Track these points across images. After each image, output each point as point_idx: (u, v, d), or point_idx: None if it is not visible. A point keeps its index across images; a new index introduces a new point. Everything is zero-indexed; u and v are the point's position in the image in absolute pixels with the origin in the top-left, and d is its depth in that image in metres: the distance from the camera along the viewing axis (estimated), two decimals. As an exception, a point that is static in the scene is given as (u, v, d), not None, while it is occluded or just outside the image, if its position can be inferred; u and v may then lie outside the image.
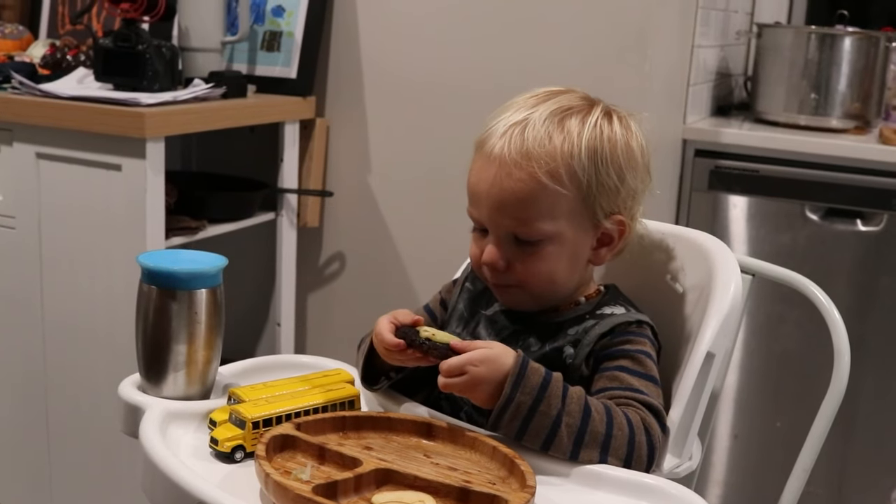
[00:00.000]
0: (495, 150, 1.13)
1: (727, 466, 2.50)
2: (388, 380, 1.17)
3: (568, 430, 1.02)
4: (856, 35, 2.48)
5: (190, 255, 1.15)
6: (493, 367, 1.03)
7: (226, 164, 2.38)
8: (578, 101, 1.17)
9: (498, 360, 1.04)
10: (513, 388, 1.02)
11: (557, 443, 1.02)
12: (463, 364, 1.03)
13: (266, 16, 2.26)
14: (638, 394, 1.08)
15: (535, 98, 1.18)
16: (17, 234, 1.94)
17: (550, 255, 1.14)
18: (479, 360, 1.03)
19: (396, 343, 1.08)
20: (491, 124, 1.16)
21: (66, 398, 1.96)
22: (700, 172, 2.39)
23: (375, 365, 1.16)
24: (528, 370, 1.03)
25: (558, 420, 1.02)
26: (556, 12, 2.11)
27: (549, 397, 1.02)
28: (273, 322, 2.32)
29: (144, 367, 1.12)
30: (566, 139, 1.12)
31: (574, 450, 1.02)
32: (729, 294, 1.15)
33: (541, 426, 1.02)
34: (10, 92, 1.94)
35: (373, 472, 0.94)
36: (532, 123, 1.13)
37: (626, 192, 1.16)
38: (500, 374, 1.03)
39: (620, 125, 1.16)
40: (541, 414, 1.02)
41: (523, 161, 1.11)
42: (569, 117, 1.14)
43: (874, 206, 2.29)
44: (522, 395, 1.02)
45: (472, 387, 1.03)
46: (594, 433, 1.02)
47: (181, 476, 0.92)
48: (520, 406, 1.02)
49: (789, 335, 2.38)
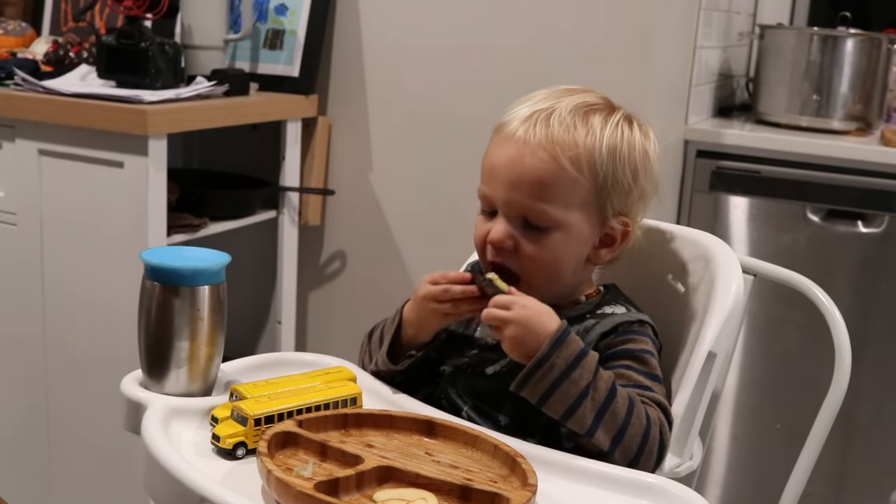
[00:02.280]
0: (518, 133, 1.15)
1: (727, 467, 2.50)
2: (408, 358, 1.19)
3: (592, 404, 1.03)
4: (858, 37, 2.48)
5: (193, 251, 1.15)
6: (538, 319, 1.06)
7: (228, 161, 2.38)
8: (600, 100, 1.21)
9: (545, 315, 1.07)
10: (551, 348, 1.04)
11: (580, 414, 1.03)
12: (513, 301, 1.08)
13: (269, 14, 2.26)
14: (648, 391, 1.09)
15: (557, 92, 1.20)
16: (18, 231, 1.95)
17: (556, 244, 1.15)
18: (529, 304, 1.08)
19: (463, 275, 1.13)
20: (511, 111, 1.18)
21: (66, 395, 1.96)
22: (701, 173, 2.39)
23: (397, 343, 1.19)
24: (569, 337, 1.06)
25: (586, 392, 1.03)
26: (558, 13, 2.11)
27: (583, 368, 1.04)
28: (274, 320, 2.32)
29: (146, 364, 1.12)
30: (590, 132, 1.15)
31: (593, 426, 1.03)
32: (731, 294, 1.15)
33: (568, 393, 1.03)
34: (13, 88, 1.95)
35: (374, 470, 0.94)
36: (558, 112, 1.15)
37: (637, 195, 1.18)
38: (541, 329, 1.06)
39: (640, 131, 1.19)
40: (571, 381, 1.03)
41: (547, 143, 1.13)
42: (593, 113, 1.17)
43: (875, 207, 2.29)
44: (558, 359, 1.04)
45: (511, 324, 1.06)
46: (615, 415, 1.04)
47: (183, 472, 0.92)
48: (553, 367, 1.04)
49: (789, 336, 2.38)
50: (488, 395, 1.17)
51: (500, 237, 1.15)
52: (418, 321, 1.19)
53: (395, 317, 1.21)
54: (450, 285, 1.13)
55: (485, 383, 1.17)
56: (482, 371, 1.18)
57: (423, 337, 1.20)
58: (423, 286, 1.16)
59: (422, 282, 1.16)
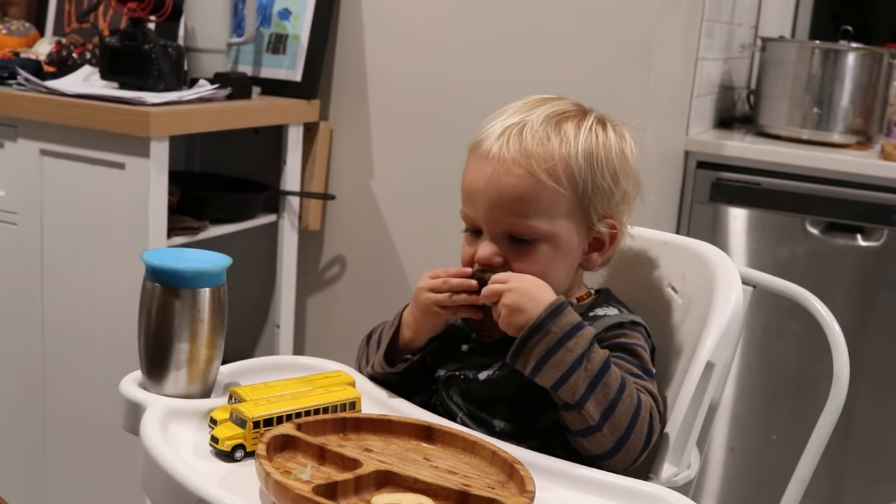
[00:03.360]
0: (493, 150, 1.15)
1: (723, 479, 2.50)
2: (404, 362, 1.20)
3: (585, 374, 1.04)
4: (859, 51, 2.49)
5: (194, 253, 1.15)
6: (535, 290, 1.08)
7: (229, 165, 2.38)
8: (571, 107, 1.20)
9: (542, 287, 1.09)
10: (548, 316, 1.06)
11: (572, 382, 1.04)
12: (510, 275, 1.10)
13: (272, 18, 2.27)
14: (640, 380, 1.09)
15: (528, 104, 1.20)
16: (19, 231, 1.95)
17: (545, 255, 1.15)
18: (525, 278, 1.10)
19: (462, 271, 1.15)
20: (484, 128, 1.19)
21: (65, 396, 1.96)
22: (702, 184, 2.40)
23: (394, 346, 1.20)
24: (566, 308, 1.07)
25: (579, 361, 1.04)
26: (561, 22, 2.12)
27: (578, 338, 1.05)
28: (272, 324, 2.32)
29: (146, 365, 1.12)
30: (563, 141, 1.15)
31: (584, 396, 1.04)
32: (730, 304, 1.16)
33: (562, 361, 1.04)
34: (16, 88, 1.95)
35: (373, 474, 0.94)
36: (530, 124, 1.15)
37: (620, 196, 1.18)
38: (539, 298, 1.07)
39: (614, 132, 1.19)
40: (566, 349, 1.04)
41: (522, 159, 1.13)
42: (565, 121, 1.17)
43: (875, 221, 2.29)
44: (555, 327, 1.05)
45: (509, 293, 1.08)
46: (607, 388, 1.04)
47: (182, 473, 0.92)
48: (549, 334, 1.05)
49: (786, 348, 2.39)
50: (482, 401, 1.17)
51: (487, 256, 1.15)
52: (416, 322, 1.19)
53: (395, 320, 1.22)
54: (448, 277, 1.15)
55: (478, 389, 1.18)
56: (475, 377, 1.18)
57: (420, 340, 1.20)
58: (423, 279, 1.17)
59: (422, 277, 1.18)
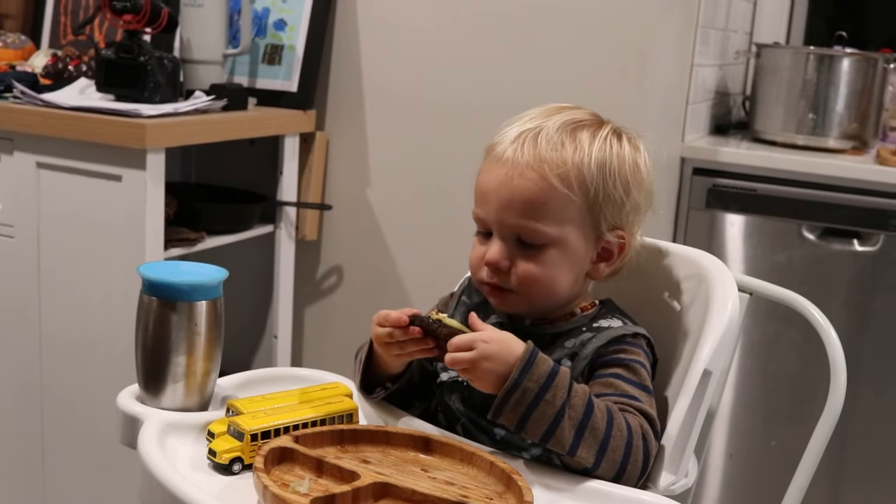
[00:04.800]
0: (507, 153, 1.15)
1: (722, 485, 2.50)
2: (384, 389, 1.18)
3: (570, 422, 1.03)
4: (854, 56, 2.50)
5: (190, 266, 1.15)
6: (502, 348, 1.05)
7: (225, 176, 2.38)
8: (589, 116, 1.21)
9: (509, 342, 1.05)
10: (521, 373, 1.03)
11: (559, 434, 1.02)
12: (473, 340, 1.05)
13: (268, 29, 2.27)
14: (633, 401, 1.09)
15: (546, 110, 1.21)
16: (15, 244, 1.95)
17: (552, 261, 1.15)
18: (489, 338, 1.05)
19: (399, 318, 1.08)
20: (501, 132, 1.19)
21: (62, 408, 1.96)
22: (698, 191, 2.40)
23: (373, 372, 1.18)
24: (537, 358, 1.04)
25: (562, 411, 1.03)
26: (556, 30, 2.12)
27: (556, 388, 1.03)
28: (270, 335, 2.32)
29: (143, 378, 1.12)
30: (577, 148, 1.15)
31: (574, 444, 1.03)
32: (726, 312, 1.16)
33: (544, 415, 1.02)
34: (12, 101, 1.95)
35: (371, 486, 0.94)
36: (545, 131, 1.16)
37: (631, 208, 1.19)
38: (509, 357, 1.04)
39: (629, 144, 1.20)
40: (546, 403, 1.03)
41: (535, 163, 1.14)
42: (580, 129, 1.17)
43: (871, 226, 2.30)
44: (530, 382, 1.03)
45: (479, 363, 1.04)
46: (595, 430, 1.03)
47: (179, 487, 0.92)
48: (526, 392, 1.03)
49: (784, 355, 2.39)
50: (483, 408, 1.17)
51: (496, 258, 1.15)
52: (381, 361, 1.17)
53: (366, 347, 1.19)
54: (394, 328, 1.10)
55: (479, 396, 1.17)
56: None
57: (393, 371, 1.18)
58: (373, 327, 1.13)
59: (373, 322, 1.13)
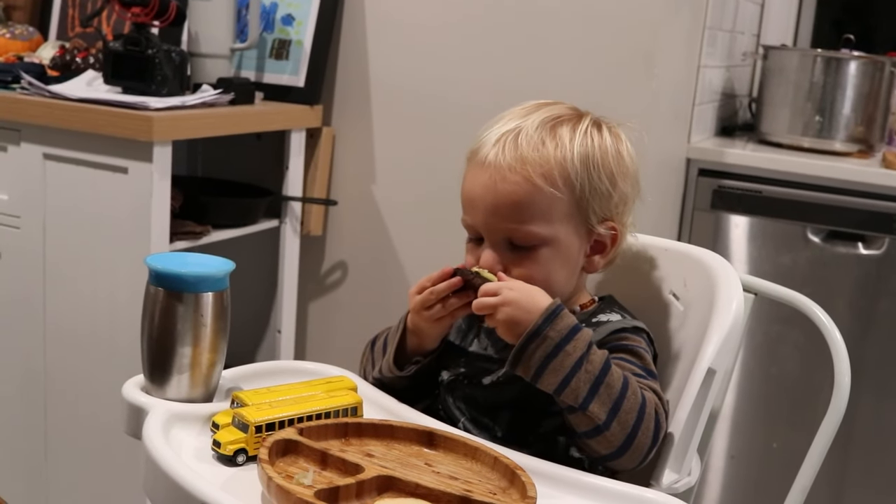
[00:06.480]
0: (489, 157, 1.16)
1: (724, 486, 2.50)
2: (415, 364, 1.20)
3: (587, 376, 1.04)
4: (861, 59, 2.50)
5: (197, 258, 1.15)
6: (527, 297, 1.07)
7: (231, 170, 2.38)
8: (567, 111, 1.21)
9: (534, 294, 1.08)
10: (544, 321, 1.05)
11: (574, 385, 1.03)
12: (500, 286, 1.09)
13: (275, 24, 2.27)
14: (643, 379, 1.09)
15: (524, 109, 1.21)
16: (21, 234, 1.95)
17: (546, 260, 1.15)
18: (515, 287, 1.09)
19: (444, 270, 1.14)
20: (482, 135, 1.19)
21: (66, 399, 1.97)
22: (703, 192, 2.40)
23: (403, 353, 1.20)
24: (562, 311, 1.07)
25: (579, 363, 1.04)
26: (563, 30, 2.12)
27: (577, 341, 1.05)
28: (274, 329, 2.32)
29: (149, 369, 1.13)
30: (559, 145, 1.15)
31: (587, 398, 1.03)
32: (731, 311, 1.16)
33: (562, 365, 1.04)
34: (19, 92, 1.95)
35: (374, 479, 0.94)
36: (525, 130, 1.16)
37: (619, 198, 1.19)
38: (532, 307, 1.06)
39: (610, 134, 1.20)
40: (565, 353, 1.04)
41: (518, 165, 1.14)
42: (560, 125, 1.17)
43: (876, 229, 2.29)
44: (552, 332, 1.05)
45: (501, 308, 1.07)
46: (610, 388, 1.04)
47: (184, 477, 0.92)
48: (546, 340, 1.04)
49: (787, 356, 2.39)
50: (485, 406, 1.17)
51: (489, 264, 1.16)
52: (419, 332, 1.19)
53: (399, 325, 1.22)
54: (433, 286, 1.15)
55: (482, 394, 1.18)
56: (479, 381, 1.19)
57: (428, 345, 1.20)
58: (412, 299, 1.17)
59: (410, 296, 1.17)
